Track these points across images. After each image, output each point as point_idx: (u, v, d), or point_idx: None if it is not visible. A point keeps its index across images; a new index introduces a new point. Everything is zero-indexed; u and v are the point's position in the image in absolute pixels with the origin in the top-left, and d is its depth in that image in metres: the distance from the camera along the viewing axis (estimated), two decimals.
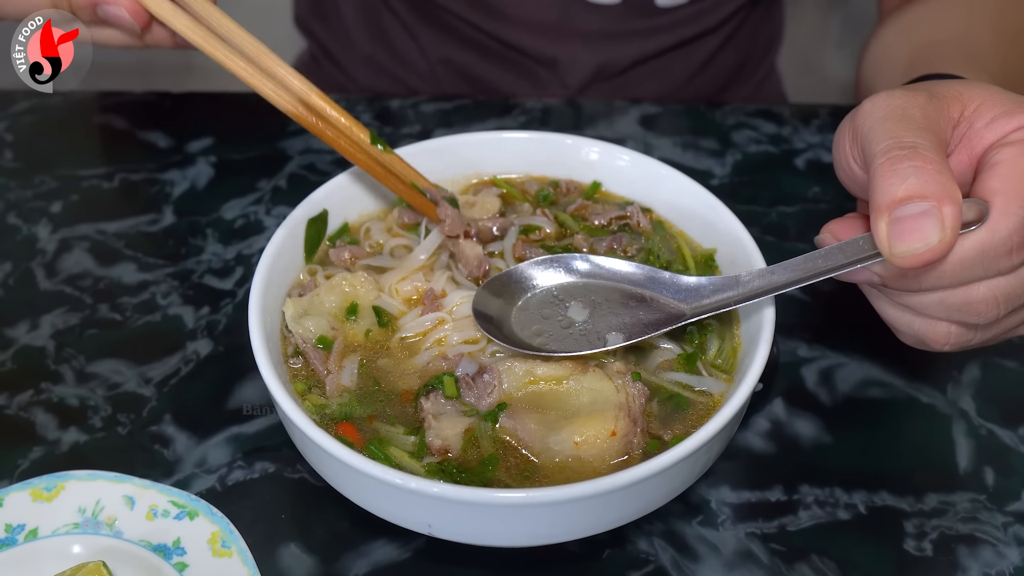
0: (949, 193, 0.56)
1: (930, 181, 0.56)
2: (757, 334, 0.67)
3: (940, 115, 0.62)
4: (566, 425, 0.65)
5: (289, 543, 0.72)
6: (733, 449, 0.78)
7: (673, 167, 0.83)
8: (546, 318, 0.72)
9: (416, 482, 0.58)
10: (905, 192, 0.56)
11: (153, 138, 1.11)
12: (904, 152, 0.58)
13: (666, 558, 0.71)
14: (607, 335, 0.69)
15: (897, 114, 0.61)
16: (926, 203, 0.55)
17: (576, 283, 0.74)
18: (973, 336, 0.64)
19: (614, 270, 0.73)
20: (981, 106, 0.63)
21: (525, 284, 0.74)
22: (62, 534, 0.70)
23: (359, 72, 1.39)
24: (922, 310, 0.63)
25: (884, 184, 0.57)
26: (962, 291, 0.60)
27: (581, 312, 0.72)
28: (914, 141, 0.58)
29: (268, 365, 0.65)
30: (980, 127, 0.62)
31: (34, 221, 1.00)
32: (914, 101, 0.62)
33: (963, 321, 0.62)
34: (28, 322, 0.88)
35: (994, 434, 0.80)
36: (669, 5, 1.21)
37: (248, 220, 1.00)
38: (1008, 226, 0.58)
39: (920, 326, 0.64)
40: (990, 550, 0.72)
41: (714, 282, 0.69)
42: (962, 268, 0.59)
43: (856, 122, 0.64)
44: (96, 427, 0.80)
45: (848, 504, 0.75)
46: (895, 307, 0.65)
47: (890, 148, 0.58)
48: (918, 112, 0.61)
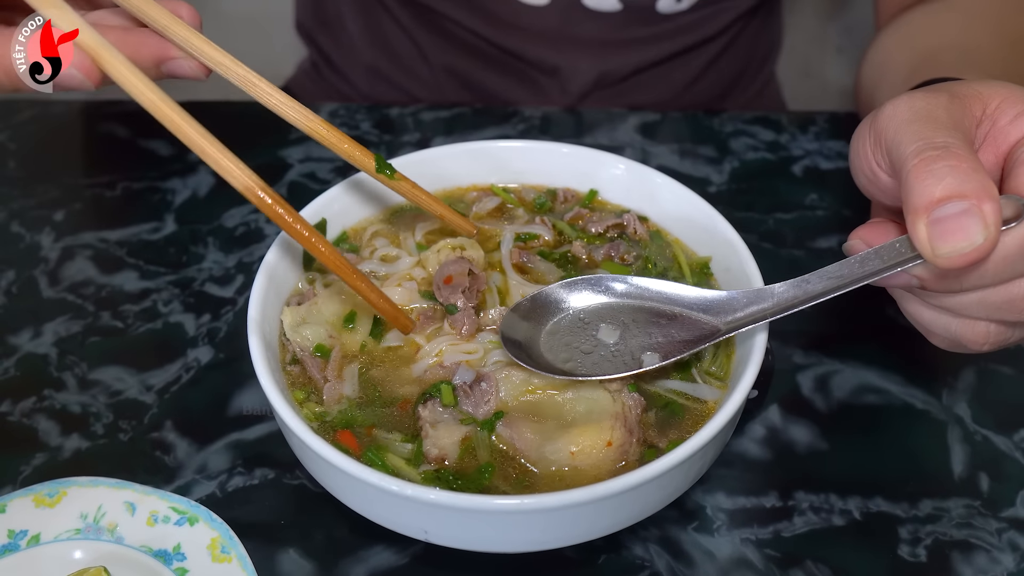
0: (987, 190, 0.55)
1: (967, 179, 0.56)
2: (751, 341, 0.67)
3: (964, 114, 0.62)
4: (562, 435, 0.66)
5: (288, 549, 0.72)
6: (728, 455, 0.78)
7: (669, 175, 0.83)
8: (576, 342, 0.70)
9: (412, 489, 0.58)
10: (943, 192, 0.56)
11: (155, 146, 1.12)
12: (937, 152, 0.57)
13: (662, 564, 0.72)
14: (642, 356, 0.68)
15: (923, 115, 0.60)
16: (966, 202, 0.55)
17: (603, 304, 0.72)
18: (1012, 334, 0.63)
19: (642, 288, 0.72)
20: (1003, 103, 0.63)
21: (552, 307, 0.72)
22: (64, 540, 0.71)
23: (360, 79, 1.40)
24: (961, 311, 0.62)
25: (920, 185, 0.57)
26: (1003, 289, 0.59)
27: (612, 334, 0.70)
28: (945, 141, 0.58)
29: (267, 373, 0.65)
30: (1004, 124, 0.62)
31: (37, 229, 1.00)
32: (937, 102, 0.62)
33: (1003, 319, 0.62)
34: (31, 329, 0.89)
35: (989, 440, 0.80)
36: (669, 12, 1.21)
37: (249, 228, 1.00)
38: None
39: (958, 327, 0.63)
40: (984, 556, 0.73)
41: (747, 295, 0.68)
42: (1005, 265, 0.58)
43: (878, 126, 0.63)
44: (98, 434, 0.81)
45: (843, 510, 0.75)
46: (931, 310, 0.64)
47: (922, 149, 0.58)
48: (943, 112, 0.61)
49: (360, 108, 1.16)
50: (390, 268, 0.78)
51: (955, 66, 0.85)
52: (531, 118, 1.15)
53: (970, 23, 0.99)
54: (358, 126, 1.13)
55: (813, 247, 0.98)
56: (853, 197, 1.05)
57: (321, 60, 1.45)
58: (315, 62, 1.48)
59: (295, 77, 1.53)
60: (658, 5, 1.20)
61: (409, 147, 1.10)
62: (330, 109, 1.16)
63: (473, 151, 0.86)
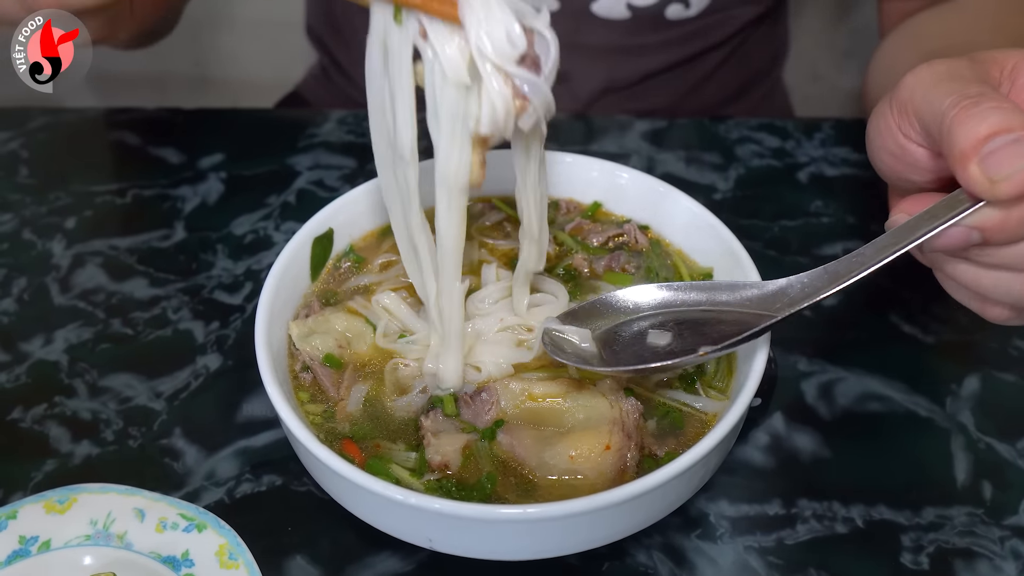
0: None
1: (1010, 116, 0.56)
2: (752, 353, 0.68)
3: (986, 75, 0.62)
4: (561, 440, 0.66)
5: (295, 555, 0.73)
6: (732, 463, 0.79)
7: (675, 183, 0.84)
8: (627, 348, 0.70)
9: (416, 498, 0.59)
10: (988, 129, 0.55)
11: (165, 154, 1.13)
12: (974, 99, 0.57)
13: (665, 571, 0.72)
14: (698, 349, 0.67)
15: (949, 75, 0.61)
16: (1014, 133, 0.55)
17: (647, 314, 0.72)
18: None
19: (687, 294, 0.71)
20: (1019, 63, 0.63)
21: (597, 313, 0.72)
22: (74, 546, 0.71)
23: None
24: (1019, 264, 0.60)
25: (964, 129, 0.56)
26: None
27: (663, 337, 0.70)
28: (979, 90, 0.58)
29: (274, 384, 0.66)
30: (1023, 83, 0.62)
31: (48, 237, 1.01)
32: (959, 64, 0.62)
33: None
34: (43, 336, 0.90)
35: (992, 448, 0.81)
36: (678, 18, 1.22)
37: (258, 236, 1.01)
38: None
39: (1022, 286, 0.61)
40: (987, 564, 0.73)
41: (801, 280, 0.67)
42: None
43: (901, 98, 0.63)
44: (108, 440, 0.82)
45: (846, 518, 0.76)
46: (989, 271, 0.62)
47: (958, 100, 0.58)
48: (968, 72, 0.61)
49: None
50: (384, 275, 0.80)
51: None
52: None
53: (975, 24, 1.00)
54: (366, 133, 1.13)
55: (818, 254, 0.98)
56: (859, 204, 1.05)
57: (331, 64, 1.46)
58: (324, 67, 1.49)
59: (305, 81, 1.54)
60: (667, 12, 1.20)
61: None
62: (339, 116, 1.17)
63: None
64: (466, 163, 0.61)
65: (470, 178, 0.61)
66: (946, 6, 1.05)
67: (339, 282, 0.80)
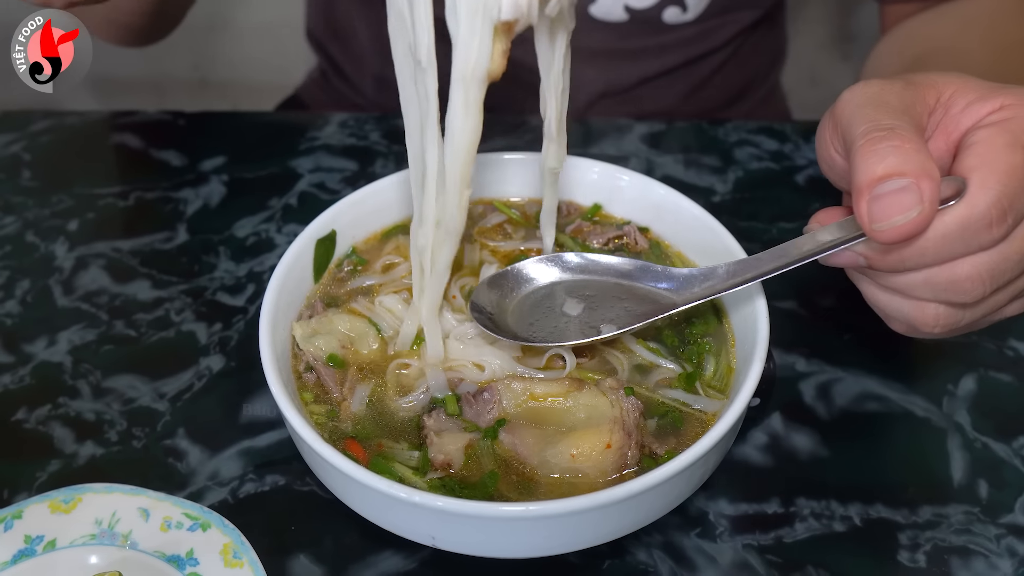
0: (927, 170, 0.58)
1: (908, 159, 0.58)
2: (751, 354, 0.69)
3: (917, 101, 0.64)
4: (562, 439, 0.67)
5: (299, 554, 0.74)
6: (731, 463, 0.80)
7: (674, 185, 0.85)
8: (543, 314, 0.74)
9: (420, 496, 0.60)
10: (884, 170, 0.58)
11: (167, 157, 1.13)
12: (883, 133, 0.60)
13: (665, 569, 0.73)
14: (601, 326, 0.72)
15: (875, 100, 0.63)
16: (905, 179, 0.58)
17: (572, 280, 0.77)
18: (962, 317, 0.65)
19: (608, 265, 0.76)
20: (956, 92, 0.65)
21: (522, 281, 0.77)
22: (79, 545, 0.72)
23: (368, 88, 1.42)
24: (909, 291, 0.64)
25: (864, 164, 0.59)
26: (947, 268, 0.62)
27: (576, 307, 0.75)
28: (892, 123, 0.60)
29: (278, 384, 0.67)
30: (956, 112, 0.64)
31: (51, 239, 1.02)
32: (891, 88, 0.64)
33: (950, 301, 0.63)
34: (46, 338, 0.91)
35: (988, 447, 0.81)
36: (675, 22, 1.23)
37: (260, 238, 1.02)
38: (987, 199, 0.59)
39: (909, 309, 0.65)
40: (983, 561, 0.74)
41: (704, 271, 0.72)
42: (944, 243, 0.60)
43: (836, 113, 0.66)
44: (112, 441, 0.82)
45: (844, 516, 0.76)
46: (883, 291, 0.66)
47: (869, 130, 0.60)
48: (895, 98, 0.63)
49: (369, 118, 1.18)
50: (386, 277, 0.81)
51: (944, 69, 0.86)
52: (538, 128, 1.15)
53: (962, 30, 1.01)
54: (367, 136, 1.15)
55: None
56: None
57: (330, 68, 1.47)
58: (324, 70, 1.50)
59: (305, 85, 1.55)
60: (664, 15, 1.21)
61: None
62: (340, 119, 1.18)
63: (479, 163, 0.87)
64: (486, 52, 0.59)
65: (490, 67, 0.60)
66: (938, 11, 1.06)
67: (341, 284, 0.81)
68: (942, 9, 1.08)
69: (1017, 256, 0.62)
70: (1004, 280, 0.63)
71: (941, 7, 1.08)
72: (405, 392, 0.72)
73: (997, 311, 0.67)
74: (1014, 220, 0.60)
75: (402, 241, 0.84)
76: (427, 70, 0.62)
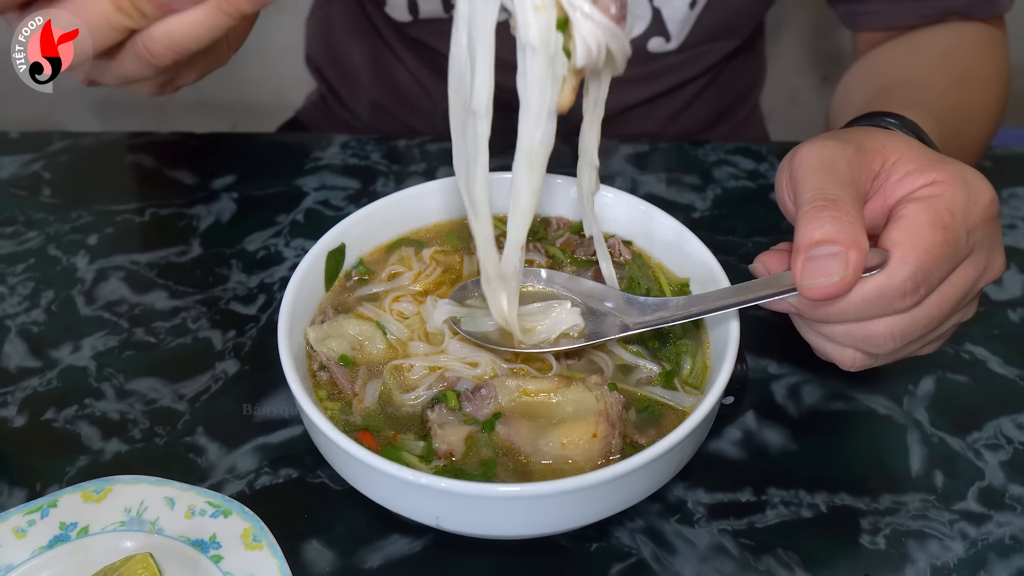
0: (857, 241, 0.66)
1: (843, 230, 0.66)
2: (723, 354, 0.76)
3: (863, 168, 0.72)
4: (553, 430, 0.74)
5: (311, 539, 0.80)
6: (708, 456, 0.86)
7: (656, 202, 0.92)
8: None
9: (427, 478, 0.67)
10: (820, 236, 0.67)
11: (180, 176, 1.20)
12: (826, 203, 0.68)
13: (647, 551, 0.80)
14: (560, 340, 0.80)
15: (827, 166, 0.71)
16: (836, 247, 0.66)
17: (541, 293, 0.84)
18: (875, 361, 0.75)
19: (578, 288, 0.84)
20: (899, 161, 0.73)
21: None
22: (110, 531, 0.78)
23: (365, 112, 1.48)
24: (832, 338, 0.74)
25: (805, 228, 0.68)
26: (864, 325, 0.71)
27: None
28: (836, 194, 0.69)
29: (296, 381, 0.74)
30: (894, 180, 0.72)
31: (73, 252, 1.09)
32: (843, 154, 0.72)
33: (866, 350, 0.73)
34: (71, 344, 0.97)
35: (944, 442, 0.89)
36: (659, 51, 1.30)
37: (269, 251, 1.09)
38: (904, 273, 0.68)
39: (831, 350, 0.75)
40: (937, 544, 0.81)
41: (656, 303, 0.80)
42: (863, 305, 0.69)
43: (792, 166, 0.74)
44: (136, 438, 0.89)
45: (811, 504, 0.83)
46: (812, 332, 0.76)
47: (815, 198, 0.69)
48: (844, 165, 0.71)
49: (370, 140, 1.25)
50: (390, 285, 0.87)
51: (904, 100, 0.94)
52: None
53: (923, 60, 1.09)
54: (368, 156, 1.22)
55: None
56: None
57: (329, 93, 1.53)
58: (323, 95, 1.56)
59: (304, 108, 1.61)
60: (648, 45, 1.29)
61: (416, 176, 1.19)
62: (342, 140, 1.25)
63: None
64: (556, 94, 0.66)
65: (560, 100, 0.67)
66: (903, 40, 1.14)
67: (350, 291, 0.88)
68: (907, 39, 1.15)
69: (926, 320, 0.71)
70: (912, 338, 0.72)
71: (906, 37, 1.16)
72: (408, 389, 0.79)
73: (905, 356, 0.77)
74: (926, 291, 0.69)
75: (405, 253, 0.90)
76: (482, 117, 0.69)
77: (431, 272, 0.89)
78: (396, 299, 0.86)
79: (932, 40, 1.13)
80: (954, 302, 0.72)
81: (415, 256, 0.90)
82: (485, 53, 0.66)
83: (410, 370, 0.80)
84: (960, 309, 0.75)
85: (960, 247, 0.70)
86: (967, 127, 1.03)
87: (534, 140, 0.70)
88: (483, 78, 0.67)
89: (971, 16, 1.14)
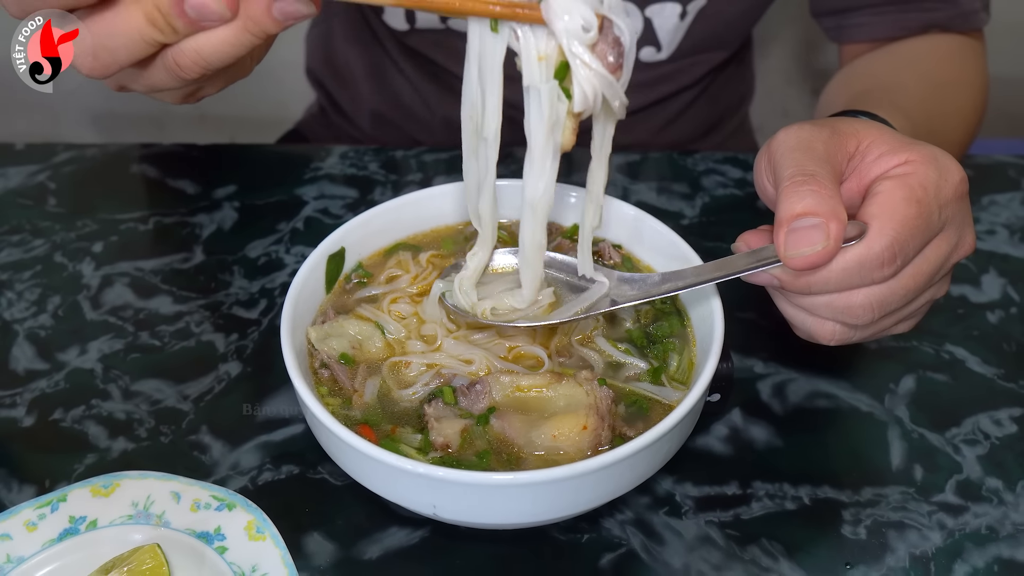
0: (836, 213, 0.70)
1: (823, 203, 0.70)
2: (708, 350, 0.79)
3: (839, 149, 0.76)
4: (545, 423, 0.77)
5: (313, 532, 0.83)
6: (696, 451, 0.89)
7: (647, 210, 0.94)
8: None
9: (424, 467, 0.70)
10: (802, 208, 0.70)
11: (182, 185, 1.23)
12: (805, 177, 0.71)
13: (636, 542, 0.83)
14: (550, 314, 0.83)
15: (804, 145, 0.74)
16: (817, 218, 0.69)
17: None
18: (854, 334, 0.77)
19: (563, 261, 0.87)
20: (872, 143, 0.76)
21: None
22: (118, 524, 0.81)
23: (365, 123, 1.51)
24: (813, 310, 0.76)
25: (787, 202, 0.71)
26: (844, 296, 0.73)
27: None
28: (814, 169, 0.72)
29: (299, 378, 0.77)
30: (869, 161, 0.76)
31: (78, 259, 1.12)
32: (819, 135, 0.75)
33: (845, 322, 0.75)
34: (78, 347, 1.00)
35: (924, 437, 0.92)
36: (650, 61, 1.34)
37: (270, 258, 1.12)
38: (882, 243, 0.71)
39: (811, 324, 0.77)
40: (916, 534, 0.84)
41: (643, 277, 0.83)
42: (844, 275, 0.72)
43: (771, 149, 0.77)
44: (142, 437, 0.91)
45: (795, 496, 0.86)
46: (792, 306, 0.78)
47: (794, 174, 0.72)
48: (821, 145, 0.74)
49: (368, 150, 1.28)
50: (389, 287, 0.91)
51: (881, 103, 0.97)
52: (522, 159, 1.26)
53: (902, 68, 1.13)
54: (366, 166, 1.25)
55: None
56: None
57: (329, 105, 1.56)
58: (323, 106, 1.59)
59: (304, 120, 1.65)
60: (640, 54, 1.32)
61: (413, 185, 1.22)
62: (340, 151, 1.28)
63: None
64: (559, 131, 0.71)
65: (562, 141, 0.72)
66: (883, 51, 1.18)
67: (350, 294, 0.91)
68: (887, 49, 1.19)
69: (903, 291, 0.74)
70: (891, 309, 0.75)
71: (886, 48, 1.20)
72: (405, 385, 0.82)
73: (884, 331, 0.79)
74: (903, 262, 0.73)
75: (403, 257, 0.94)
76: (491, 144, 0.75)
77: (427, 275, 0.92)
78: (394, 300, 0.89)
79: (912, 50, 1.17)
80: (928, 276, 0.75)
81: (412, 260, 0.93)
82: (494, 88, 0.71)
83: (408, 367, 0.83)
84: (934, 284, 0.78)
85: (933, 221, 0.73)
86: (943, 132, 1.06)
87: (537, 191, 0.76)
88: (492, 109, 0.73)
89: (951, 29, 1.18)
